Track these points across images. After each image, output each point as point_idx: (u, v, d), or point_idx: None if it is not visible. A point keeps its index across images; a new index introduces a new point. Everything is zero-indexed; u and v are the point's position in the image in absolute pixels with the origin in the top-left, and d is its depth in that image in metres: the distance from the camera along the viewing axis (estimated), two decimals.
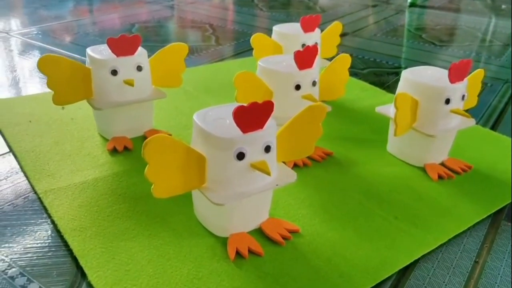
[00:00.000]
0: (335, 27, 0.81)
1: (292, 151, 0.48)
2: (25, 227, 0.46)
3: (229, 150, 0.41)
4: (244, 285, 0.41)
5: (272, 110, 0.42)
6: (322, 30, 0.79)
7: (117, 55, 0.57)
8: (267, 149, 0.42)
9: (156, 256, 0.43)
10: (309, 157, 0.60)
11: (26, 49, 1.01)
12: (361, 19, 1.39)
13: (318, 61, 0.75)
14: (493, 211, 0.52)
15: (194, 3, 1.51)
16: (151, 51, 0.62)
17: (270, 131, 0.43)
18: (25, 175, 0.54)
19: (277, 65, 0.58)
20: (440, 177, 0.58)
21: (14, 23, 1.21)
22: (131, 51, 0.58)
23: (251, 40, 0.73)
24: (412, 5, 1.59)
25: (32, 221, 0.47)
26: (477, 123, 0.73)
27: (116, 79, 0.58)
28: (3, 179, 0.54)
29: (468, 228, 0.50)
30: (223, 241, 0.45)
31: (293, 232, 0.47)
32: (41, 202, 0.50)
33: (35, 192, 0.51)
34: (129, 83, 0.58)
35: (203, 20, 1.30)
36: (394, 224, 0.49)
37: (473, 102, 0.63)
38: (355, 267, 0.43)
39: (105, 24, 1.22)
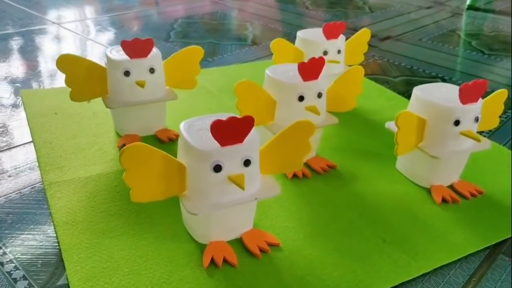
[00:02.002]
0: (363, 34, 0.79)
1: (279, 165, 0.48)
2: (25, 216, 0.50)
3: (206, 161, 0.42)
4: None
5: (252, 125, 0.42)
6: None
7: (131, 57, 0.60)
8: (246, 163, 0.43)
9: (134, 256, 0.45)
10: (310, 168, 0.60)
11: (75, 40, 1.07)
12: (410, 22, 1.34)
13: (341, 70, 0.74)
14: (492, 243, 0.50)
15: None
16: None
17: (250, 145, 0.43)
18: (39, 166, 0.58)
19: (283, 74, 0.57)
20: (444, 200, 0.56)
21: (68, 13, 1.29)
22: (144, 54, 0.60)
23: (270, 46, 0.73)
24: (470, 8, 1.51)
25: (33, 210, 0.51)
26: (504, 145, 0.69)
27: (128, 79, 0.60)
28: (18, 168, 0.58)
29: (460, 259, 0.48)
30: (203, 248, 0.46)
31: (273, 245, 0.47)
32: (45, 193, 0.53)
33: (43, 183, 0.55)
34: (140, 84, 0.60)
35: (246, 17, 1.31)
36: (380, 247, 0.48)
37: (493, 123, 0.59)
38: None
39: (154, 18, 1.27)
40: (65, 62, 0.59)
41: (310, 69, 0.56)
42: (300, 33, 0.76)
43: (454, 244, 0.49)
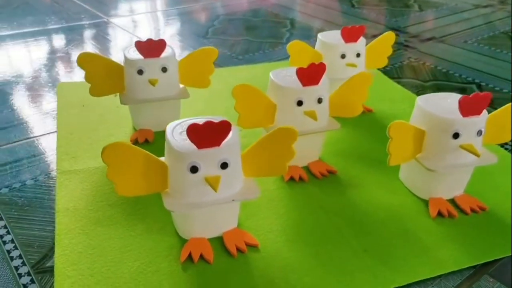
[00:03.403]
0: (386, 37, 0.77)
1: (263, 169, 0.49)
2: (35, 200, 0.55)
3: (183, 162, 0.44)
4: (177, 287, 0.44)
5: (229, 130, 0.44)
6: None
7: (144, 57, 0.63)
8: (223, 165, 0.45)
9: (120, 245, 0.48)
10: (308, 172, 0.61)
11: (120, 35, 1.14)
12: (460, 22, 1.27)
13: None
14: (480, 262, 0.48)
15: None
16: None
17: (228, 148, 0.45)
18: (56, 155, 0.63)
19: (284, 78, 0.58)
20: (441, 214, 0.54)
21: (125, 8, 1.36)
22: (157, 54, 0.64)
23: (287, 48, 0.73)
24: None
25: (42, 196, 0.56)
26: None
27: (142, 78, 0.64)
28: (38, 156, 0.64)
29: (439, 276, 0.46)
30: (184, 243, 0.49)
31: (252, 246, 0.49)
32: (56, 181, 0.58)
33: (56, 171, 0.60)
34: (152, 82, 0.63)
35: (287, 14, 1.32)
36: (361, 258, 0.48)
37: (505, 137, 0.57)
38: None
39: (209, 13, 1.31)
40: (85, 60, 0.63)
41: (310, 74, 0.56)
42: (320, 35, 0.76)
43: (438, 260, 0.48)
